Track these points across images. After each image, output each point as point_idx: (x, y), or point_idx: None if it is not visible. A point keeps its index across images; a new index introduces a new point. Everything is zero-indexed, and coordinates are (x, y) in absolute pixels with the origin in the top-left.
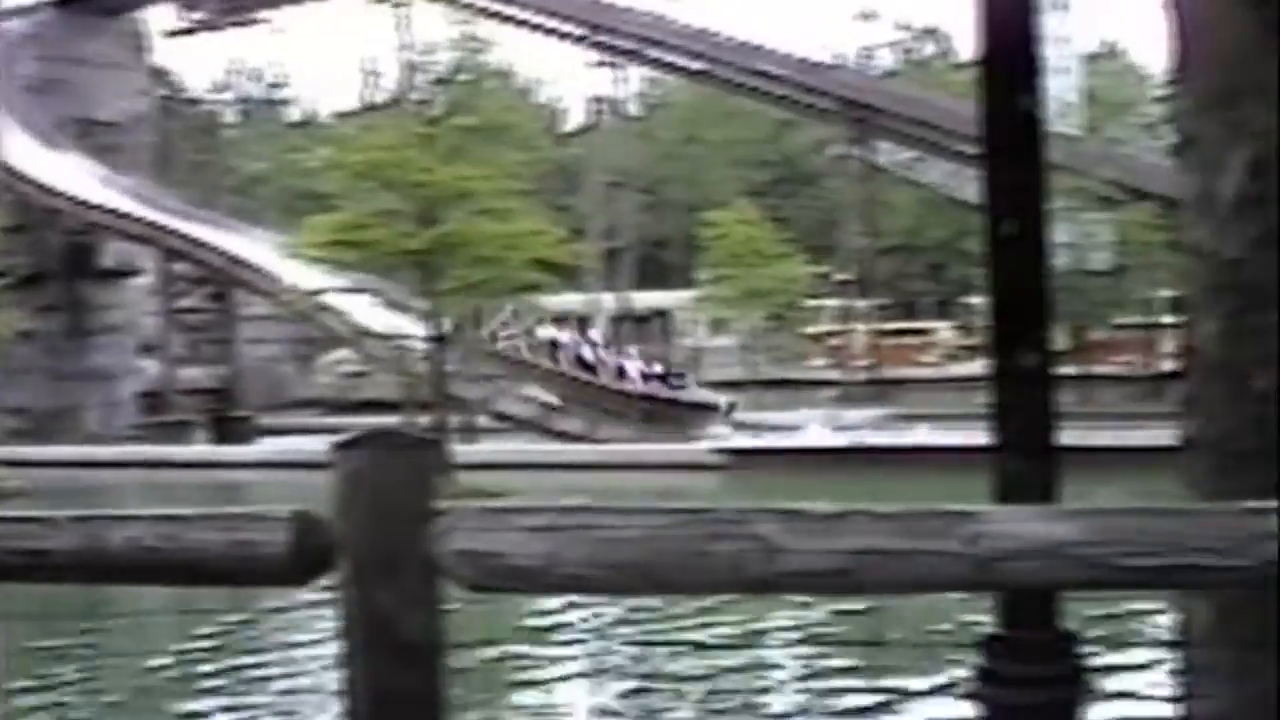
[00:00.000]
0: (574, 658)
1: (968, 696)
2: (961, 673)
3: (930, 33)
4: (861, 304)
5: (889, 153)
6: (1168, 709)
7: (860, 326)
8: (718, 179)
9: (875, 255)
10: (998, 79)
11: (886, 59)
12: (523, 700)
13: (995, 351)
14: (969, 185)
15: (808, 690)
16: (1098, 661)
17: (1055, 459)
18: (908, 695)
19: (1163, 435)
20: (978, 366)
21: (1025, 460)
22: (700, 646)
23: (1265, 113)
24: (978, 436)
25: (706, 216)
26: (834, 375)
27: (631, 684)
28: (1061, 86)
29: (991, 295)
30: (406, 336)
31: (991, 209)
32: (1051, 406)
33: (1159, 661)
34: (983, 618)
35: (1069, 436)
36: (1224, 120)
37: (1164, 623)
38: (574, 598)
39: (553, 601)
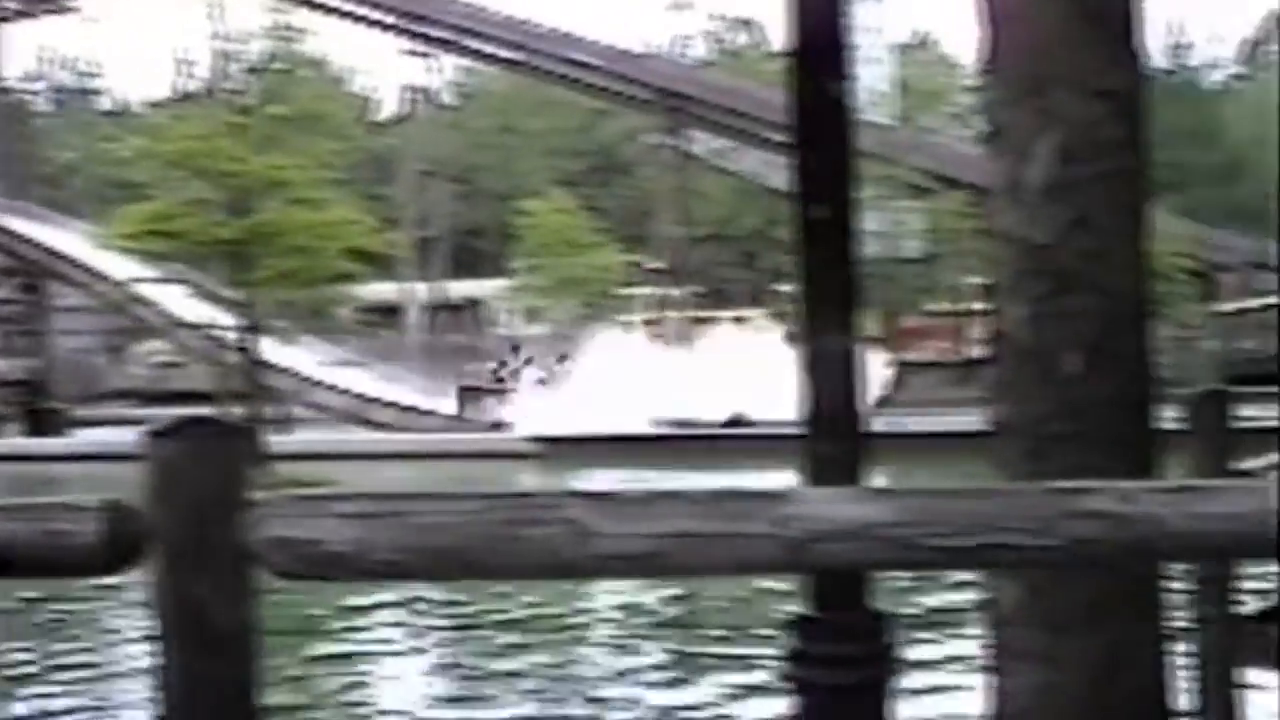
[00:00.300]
0: (392, 645)
1: (779, 677)
2: (773, 653)
3: (744, 23)
4: (675, 292)
5: (703, 141)
6: (978, 687)
7: (674, 314)
8: (532, 168)
9: (689, 243)
10: (807, 67)
11: (700, 48)
12: (340, 689)
13: (804, 336)
14: (781, 174)
15: (622, 672)
16: (910, 640)
17: (865, 442)
18: (721, 677)
19: (975, 421)
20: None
21: (835, 443)
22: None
23: (1073, 101)
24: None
25: (521, 205)
26: None
27: (452, 675)
28: (874, 76)
29: (801, 281)
30: (220, 327)
31: (801, 196)
32: (861, 390)
33: (971, 641)
34: (794, 598)
35: (880, 422)
36: (1033, 108)
37: (976, 602)
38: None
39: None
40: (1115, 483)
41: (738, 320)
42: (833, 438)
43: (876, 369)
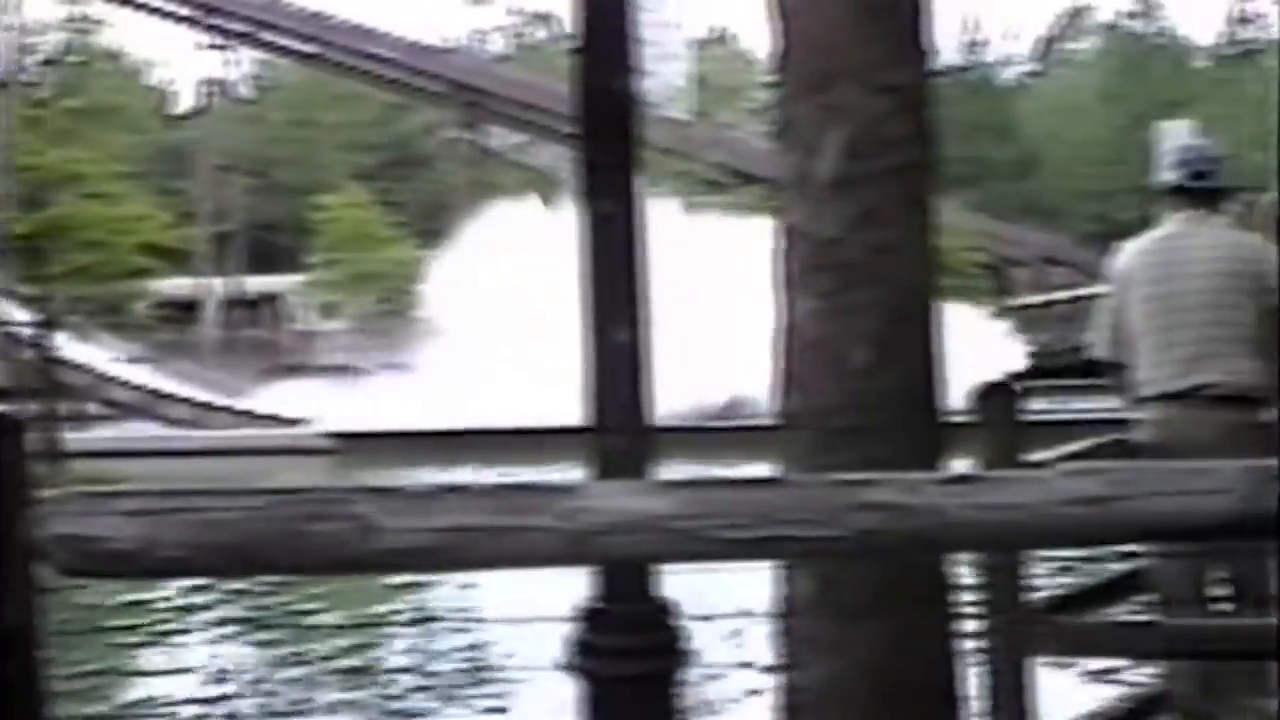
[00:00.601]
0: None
1: (566, 669)
2: (559, 646)
3: (542, 17)
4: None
5: (500, 136)
6: (769, 678)
7: None
8: (329, 162)
9: None
10: (593, 61)
11: (498, 43)
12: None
13: (589, 330)
14: None
15: (409, 664)
16: (698, 631)
17: (652, 436)
18: (508, 668)
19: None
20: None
21: (622, 437)
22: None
23: (860, 96)
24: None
25: (318, 200)
26: None
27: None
28: (672, 71)
29: (586, 275)
30: (13, 323)
31: (587, 190)
32: (648, 384)
33: (761, 631)
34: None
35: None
36: (820, 104)
37: (766, 593)
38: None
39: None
40: (898, 474)
41: None
42: (619, 432)
43: None
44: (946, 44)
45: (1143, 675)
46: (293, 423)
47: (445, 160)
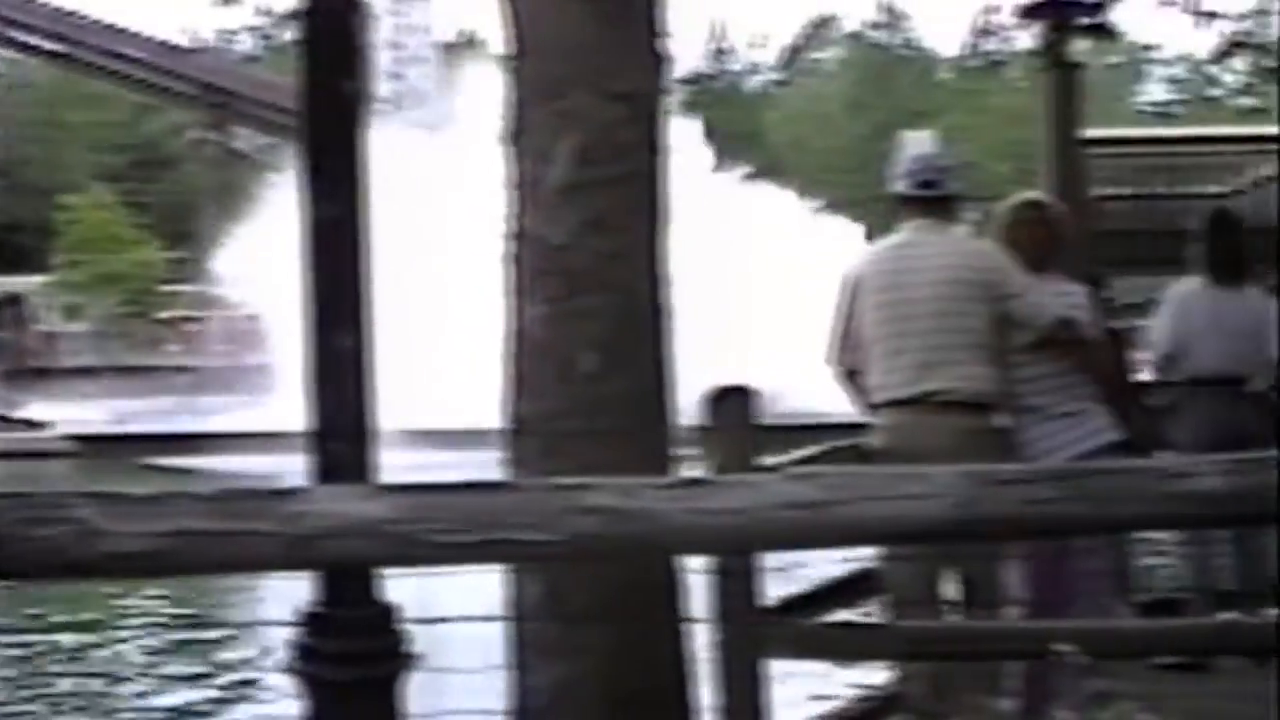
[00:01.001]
0: None
1: (288, 673)
2: (282, 650)
3: (291, 17)
4: (218, 290)
5: (247, 138)
6: (498, 681)
7: (215, 313)
8: (76, 162)
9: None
10: (318, 62)
11: (247, 43)
12: None
13: (313, 334)
14: None
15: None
16: (419, 635)
17: (374, 440)
18: (231, 673)
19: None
20: None
21: (344, 441)
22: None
23: (593, 103)
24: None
25: (63, 200)
26: (190, 361)
27: None
28: (420, 75)
29: (310, 279)
30: None
31: (310, 194)
32: (369, 388)
33: (487, 635)
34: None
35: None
36: (553, 110)
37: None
38: None
39: None
40: (616, 479)
41: None
42: (343, 437)
43: None
44: (693, 51)
45: (878, 676)
46: (37, 425)
47: (192, 161)
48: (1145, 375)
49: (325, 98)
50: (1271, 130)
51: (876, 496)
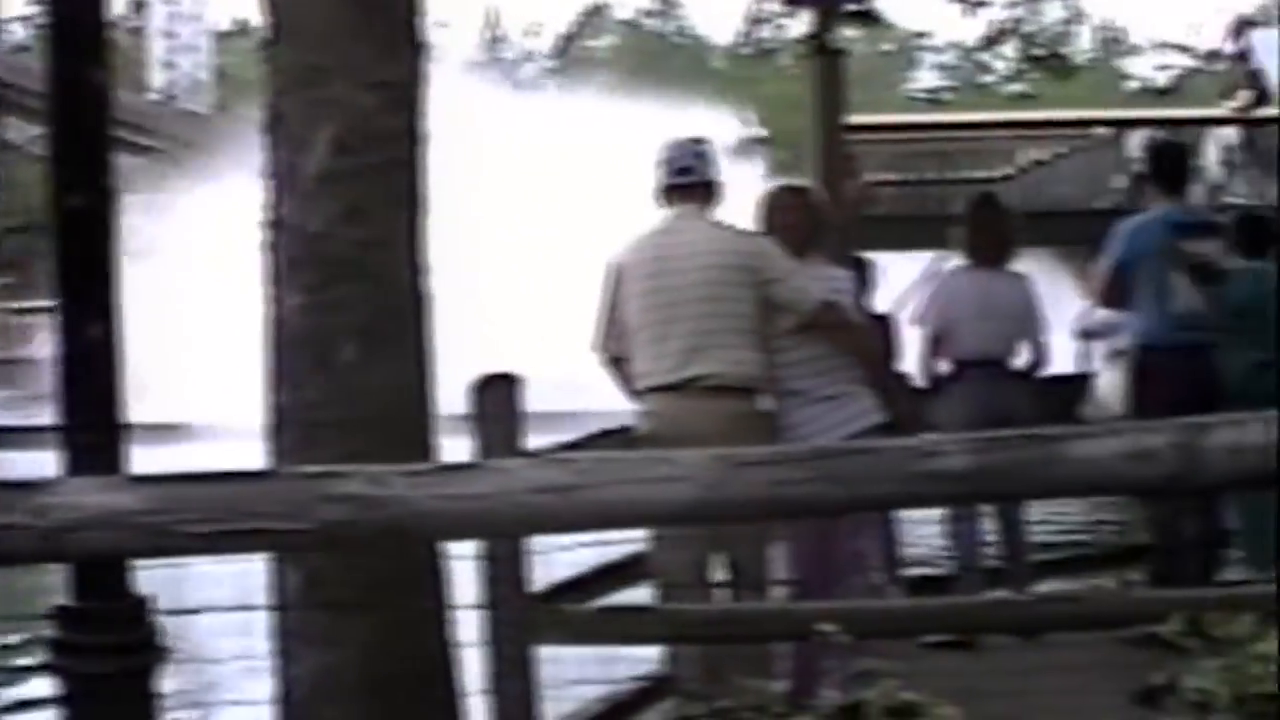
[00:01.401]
0: None
1: (41, 668)
2: (35, 645)
3: (38, 3)
4: None
5: (18, 129)
6: (264, 672)
7: None
8: None
9: (3, 233)
10: (63, 50)
11: (18, 32)
12: None
13: (62, 327)
14: None
15: None
16: (175, 627)
17: (123, 433)
18: None
19: None
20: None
21: (93, 434)
22: None
23: (350, 91)
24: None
25: None
26: None
27: None
28: (193, 64)
29: (57, 268)
30: None
31: (58, 181)
32: (122, 379)
33: (250, 626)
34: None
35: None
36: (310, 98)
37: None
38: None
39: None
40: (366, 467)
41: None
42: (92, 428)
43: None
44: (467, 39)
45: (648, 659)
46: None
47: None
48: (910, 357)
49: (69, 87)
50: (1040, 115)
51: (625, 480)
